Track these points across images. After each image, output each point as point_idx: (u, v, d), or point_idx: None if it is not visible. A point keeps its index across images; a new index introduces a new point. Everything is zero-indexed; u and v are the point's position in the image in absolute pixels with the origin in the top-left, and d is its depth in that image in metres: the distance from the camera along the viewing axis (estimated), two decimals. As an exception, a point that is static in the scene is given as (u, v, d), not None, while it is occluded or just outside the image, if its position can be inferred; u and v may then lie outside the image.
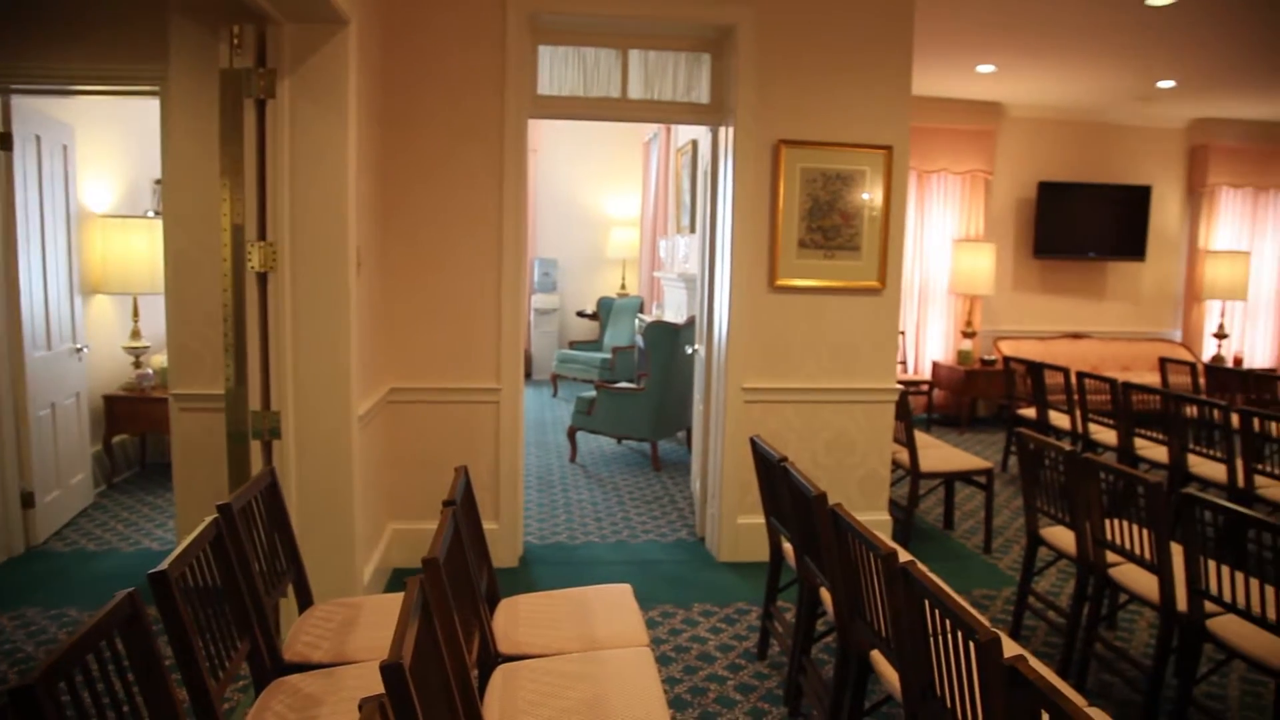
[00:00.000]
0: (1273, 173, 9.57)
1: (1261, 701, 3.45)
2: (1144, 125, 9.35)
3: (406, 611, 1.67)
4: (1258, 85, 7.74)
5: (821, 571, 2.79)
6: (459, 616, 2.14)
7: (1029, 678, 1.47)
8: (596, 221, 11.01)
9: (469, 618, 2.40)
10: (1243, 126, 9.50)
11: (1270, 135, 9.60)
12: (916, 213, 8.83)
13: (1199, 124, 9.44)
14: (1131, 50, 6.59)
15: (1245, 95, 8.20)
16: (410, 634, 1.59)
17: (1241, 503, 4.68)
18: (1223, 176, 9.44)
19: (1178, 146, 9.52)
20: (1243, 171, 9.48)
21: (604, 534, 5.17)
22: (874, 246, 4.62)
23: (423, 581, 1.84)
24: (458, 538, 2.41)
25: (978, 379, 8.41)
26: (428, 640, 1.76)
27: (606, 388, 6.69)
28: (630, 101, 4.70)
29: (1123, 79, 7.61)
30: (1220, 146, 9.41)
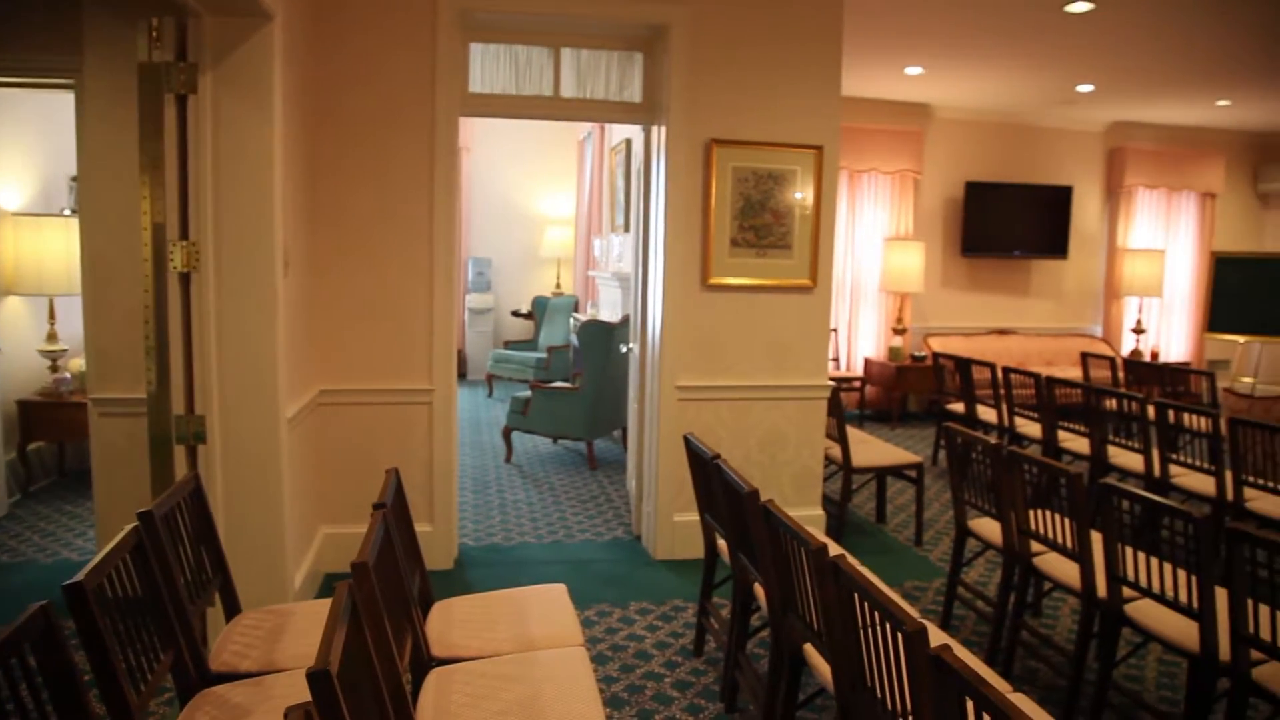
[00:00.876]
0: (1184, 174, 9.94)
1: (1175, 681, 3.58)
2: (1065, 128, 9.63)
3: (334, 617, 1.64)
4: (1170, 91, 8.04)
5: (755, 567, 2.82)
6: (390, 621, 2.12)
7: (953, 666, 1.51)
8: (531, 220, 10.95)
9: (401, 622, 2.37)
10: (1157, 130, 9.85)
11: (1182, 139, 9.97)
12: (848, 212, 8.97)
13: (1116, 127, 9.76)
14: (1052, 55, 6.79)
15: (1159, 100, 8.50)
16: (338, 640, 1.57)
17: (1157, 491, 4.85)
18: (1139, 178, 9.78)
19: (1097, 148, 9.83)
20: (1157, 173, 9.84)
21: (540, 534, 5.15)
22: (805, 245, 4.68)
23: (351, 586, 1.81)
24: (388, 541, 2.37)
25: (908, 375, 8.57)
26: (357, 646, 1.73)
27: (542, 387, 6.66)
28: (563, 100, 4.69)
29: (1045, 82, 7.83)
30: (1136, 149, 9.75)
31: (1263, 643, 2.51)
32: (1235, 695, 2.62)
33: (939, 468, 6.98)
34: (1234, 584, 2.53)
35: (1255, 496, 4.43)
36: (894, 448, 5.40)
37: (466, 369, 10.61)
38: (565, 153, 10.83)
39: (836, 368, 9.07)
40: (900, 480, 5.67)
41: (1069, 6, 5.47)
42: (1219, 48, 6.40)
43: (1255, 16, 5.59)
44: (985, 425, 6.56)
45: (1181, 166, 9.91)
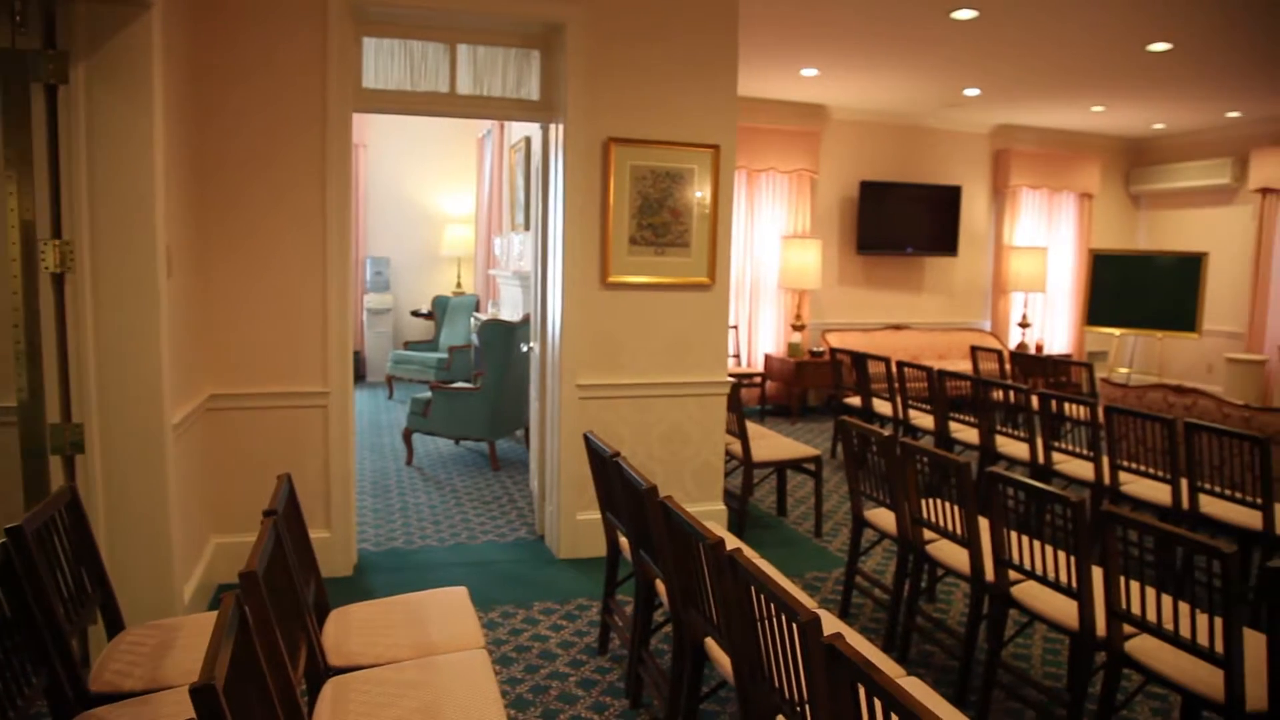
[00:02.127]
0: (1064, 176, 10.42)
1: (1059, 658, 3.76)
2: (954, 130, 9.98)
3: (220, 629, 1.58)
4: (1050, 96, 8.41)
5: (656, 563, 2.84)
6: (282, 631, 2.05)
7: (845, 654, 1.54)
8: (430, 219, 10.78)
9: (294, 631, 2.30)
10: (1038, 133, 10.30)
11: (1061, 142, 10.46)
12: (746, 210, 9.10)
13: (1001, 130, 10.16)
14: (941, 60, 7.02)
15: (1040, 105, 8.89)
16: (224, 653, 1.51)
17: (1041, 478, 5.07)
18: (1023, 178, 10.21)
19: (984, 150, 10.22)
20: (1039, 174, 10.29)
21: (442, 537, 5.08)
22: (703, 243, 4.74)
23: (239, 596, 1.75)
24: (280, 548, 2.31)
25: (807, 370, 8.75)
26: (246, 658, 1.68)
27: (442, 388, 6.57)
28: (459, 97, 4.63)
29: (934, 86, 8.09)
30: (1020, 151, 10.18)
31: (1134, 617, 2.65)
32: (1110, 667, 2.76)
33: (838, 461, 7.14)
34: (1108, 564, 2.66)
35: (1130, 480, 4.67)
36: (793, 442, 5.50)
37: (365, 371, 10.39)
38: (465, 150, 10.70)
39: (737, 364, 9.21)
40: (800, 473, 5.79)
41: (955, 13, 5.66)
42: (1093, 57, 6.73)
43: (1125, 30, 5.90)
44: (881, 418, 6.75)
45: (1061, 168, 10.39)
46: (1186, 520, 4.26)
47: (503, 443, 7.35)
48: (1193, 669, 2.54)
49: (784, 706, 2.06)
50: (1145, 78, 7.46)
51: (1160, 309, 9.62)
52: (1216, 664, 2.41)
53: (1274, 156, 9.39)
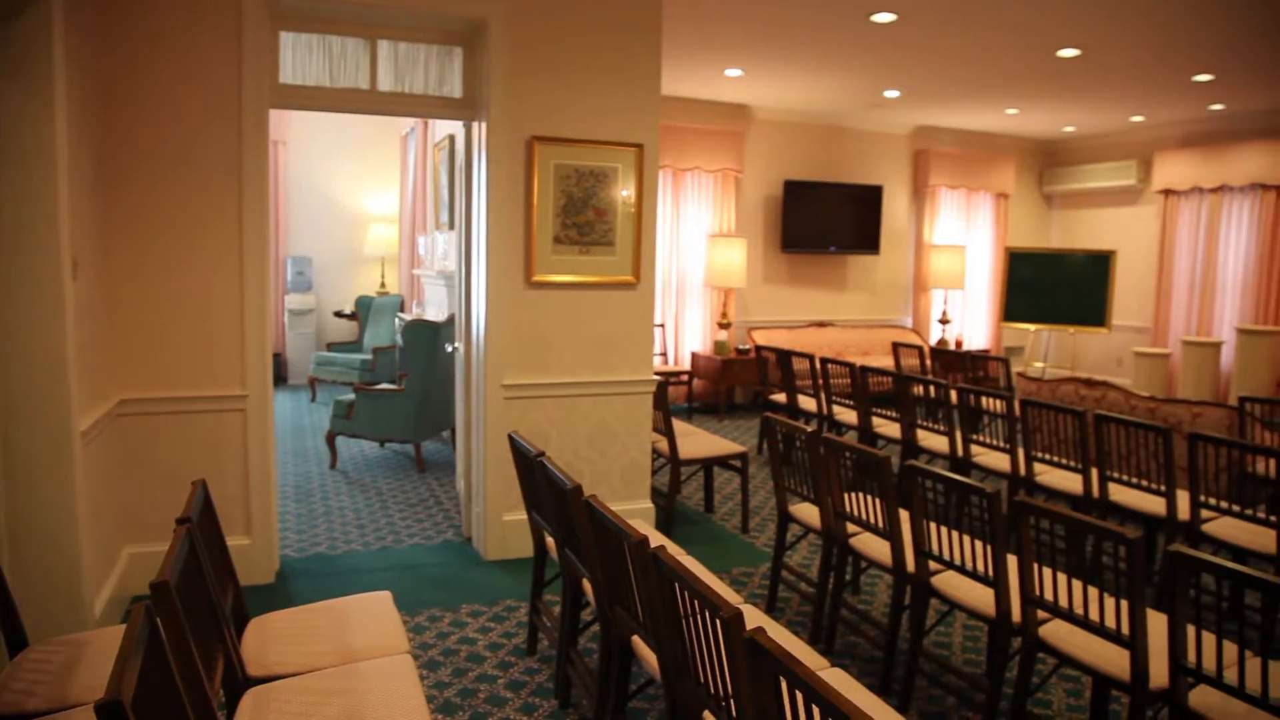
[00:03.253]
0: (981, 176, 10.71)
1: (979, 645, 3.86)
2: (875, 130, 10.17)
3: (129, 642, 1.53)
4: (966, 98, 8.63)
5: (582, 562, 2.84)
6: (197, 642, 2.00)
7: (767, 647, 1.56)
8: (353, 218, 10.59)
9: (211, 642, 2.24)
10: (956, 134, 10.57)
11: (978, 142, 10.75)
12: (672, 209, 9.15)
13: (920, 131, 10.40)
14: (861, 61, 7.15)
15: (957, 106, 9.12)
16: (133, 667, 1.46)
17: (961, 470, 5.21)
18: (941, 178, 10.46)
19: (904, 150, 10.44)
20: (957, 174, 10.55)
21: (367, 541, 5.00)
22: (628, 242, 4.74)
23: (150, 607, 1.70)
24: (194, 557, 2.24)
25: (733, 367, 8.83)
26: (157, 672, 1.63)
27: (366, 390, 6.46)
28: (380, 94, 4.55)
29: (855, 87, 8.23)
30: (939, 152, 10.43)
31: (1047, 603, 2.74)
32: (1026, 652, 2.85)
33: (764, 457, 7.22)
34: (1022, 552, 2.75)
35: (1044, 471, 4.82)
36: (720, 439, 5.55)
37: (287, 373, 10.16)
38: (388, 148, 10.53)
39: (664, 362, 9.25)
40: (728, 470, 5.84)
41: (874, 16, 5.77)
42: (1006, 62, 6.92)
43: (1036, 37, 6.08)
44: (806, 414, 6.84)
45: (978, 169, 10.67)
46: (1097, 508, 4.42)
47: (429, 444, 7.26)
48: (1102, 650, 2.64)
49: (709, 702, 2.08)
50: (1056, 82, 7.71)
51: (1072, 305, 9.95)
52: (1123, 645, 2.50)
53: (1175, 159, 9.79)
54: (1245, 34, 6.04)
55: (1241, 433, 5.13)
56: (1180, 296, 9.92)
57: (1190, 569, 2.33)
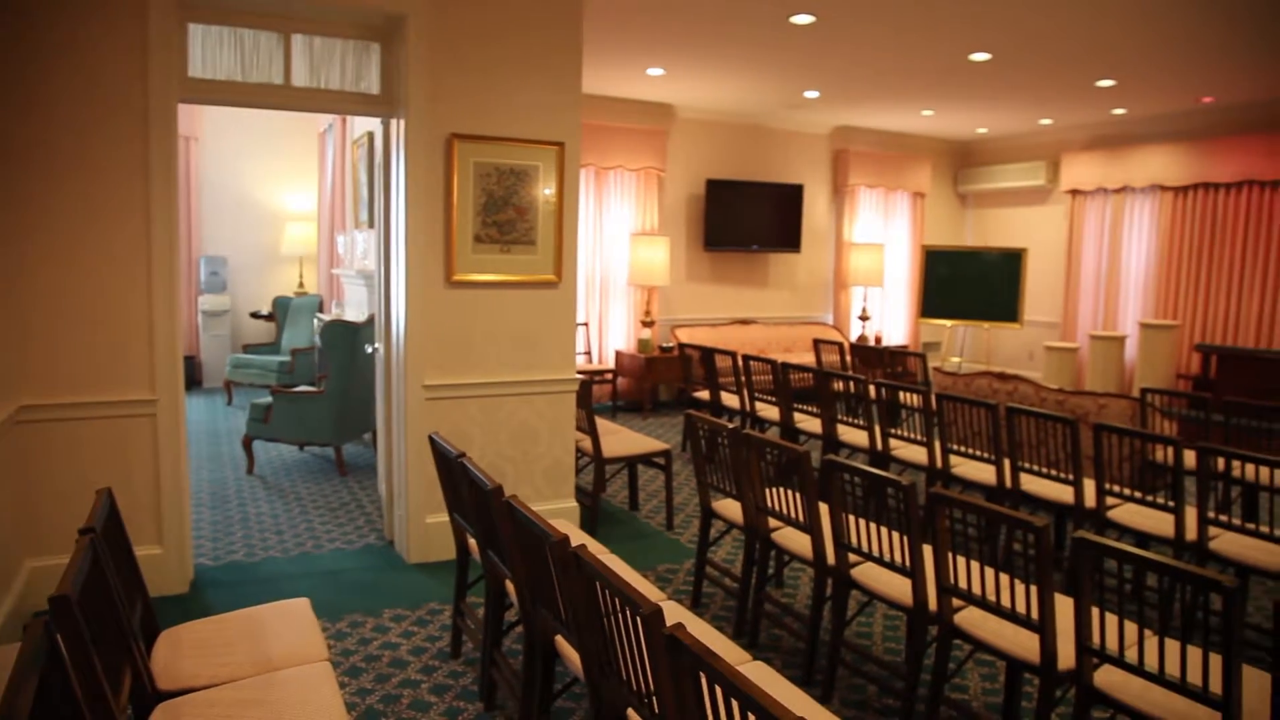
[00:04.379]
0: (898, 175, 10.95)
1: (899, 634, 3.95)
2: (796, 130, 10.32)
3: (25, 660, 1.47)
4: (883, 99, 8.81)
5: (504, 563, 2.82)
6: (102, 657, 1.93)
7: (685, 643, 1.57)
8: (270, 216, 10.33)
9: (117, 656, 2.16)
10: (874, 135, 10.78)
11: (895, 143, 10.98)
12: (595, 208, 9.14)
13: (840, 131, 10.58)
14: (781, 62, 7.24)
15: (874, 107, 9.30)
16: (30, 685, 1.41)
17: (880, 463, 5.31)
18: (860, 178, 10.66)
19: (823, 150, 10.61)
20: (875, 174, 10.77)
21: (286, 547, 4.88)
22: (549, 240, 4.73)
23: (49, 623, 1.63)
24: (99, 568, 2.16)
25: (657, 365, 8.87)
26: (57, 690, 1.57)
27: (284, 392, 6.31)
28: (295, 89, 4.45)
29: (776, 87, 8.34)
30: (857, 151, 10.62)
31: (961, 591, 2.82)
32: (942, 639, 2.92)
33: (688, 454, 7.27)
34: (937, 542, 2.82)
35: (959, 463, 4.95)
36: (644, 437, 5.57)
37: (201, 376, 9.86)
38: (306, 145, 10.30)
39: (588, 361, 9.24)
40: (652, 468, 5.86)
41: (794, 18, 5.84)
42: (921, 64, 7.08)
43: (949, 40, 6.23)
44: (729, 411, 6.91)
45: (896, 168, 10.91)
46: (1010, 498, 4.56)
47: (350, 447, 7.13)
48: (1014, 635, 2.72)
49: (632, 699, 2.09)
50: (969, 85, 7.93)
51: (987, 301, 10.24)
52: (1033, 629, 2.58)
53: (1081, 161, 10.16)
54: (1142, 44, 6.29)
55: (1143, 422, 5.34)
56: (1087, 292, 10.30)
57: (1094, 554, 2.42)
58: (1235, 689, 2.13)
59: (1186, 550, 3.73)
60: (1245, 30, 5.90)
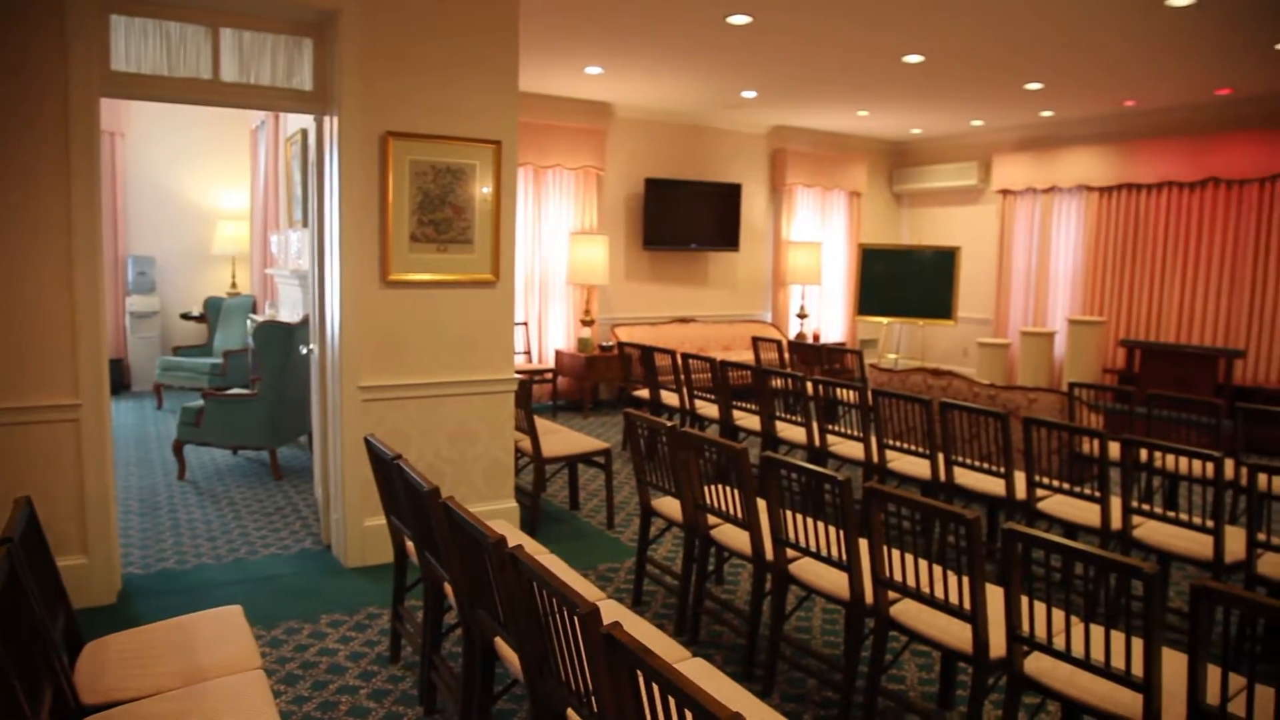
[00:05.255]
0: (835, 175, 11.09)
1: (837, 627, 4.00)
2: (734, 130, 10.39)
3: (-64, 674, 1.42)
4: (819, 100, 8.92)
5: (442, 565, 2.79)
6: (19, 672, 1.86)
7: (623, 641, 1.57)
8: (201, 214, 10.08)
9: (36, 671, 2.09)
10: (811, 135, 10.91)
11: (831, 143, 11.13)
12: (534, 207, 9.10)
13: (777, 131, 10.68)
14: (719, 62, 7.28)
15: (811, 108, 9.41)
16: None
17: (818, 459, 5.38)
18: (798, 177, 10.77)
19: (761, 150, 10.70)
20: (813, 173, 10.89)
21: (219, 554, 4.77)
22: (486, 240, 4.69)
23: (-38, 636, 1.57)
24: (16, 580, 2.09)
25: (597, 364, 8.86)
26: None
27: (216, 395, 6.16)
28: (224, 85, 4.34)
29: (714, 87, 8.38)
30: (795, 151, 10.74)
31: (897, 584, 2.86)
32: (878, 631, 2.97)
33: (629, 453, 7.27)
34: (872, 536, 2.86)
35: (895, 458, 5.03)
36: (584, 436, 5.56)
37: (130, 379, 9.59)
38: (237, 142, 10.07)
39: (528, 361, 9.20)
40: (593, 467, 5.85)
41: (730, 18, 5.88)
42: (855, 65, 7.18)
43: (882, 43, 6.33)
44: (669, 409, 6.93)
45: (832, 168, 11.05)
46: (944, 491, 4.65)
47: (285, 450, 7.00)
48: (947, 625, 2.78)
49: (572, 699, 2.08)
50: (902, 86, 8.06)
51: (922, 299, 10.43)
52: (965, 619, 2.64)
53: (1011, 161, 10.41)
54: (1068, 48, 6.46)
55: (1071, 416, 5.49)
56: (1018, 290, 10.55)
57: (1022, 545, 2.48)
58: (1155, 671, 2.20)
59: (1112, 539, 3.84)
60: (1164, 38, 6.09)
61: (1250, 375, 8.55)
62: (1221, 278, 8.77)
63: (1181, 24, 5.78)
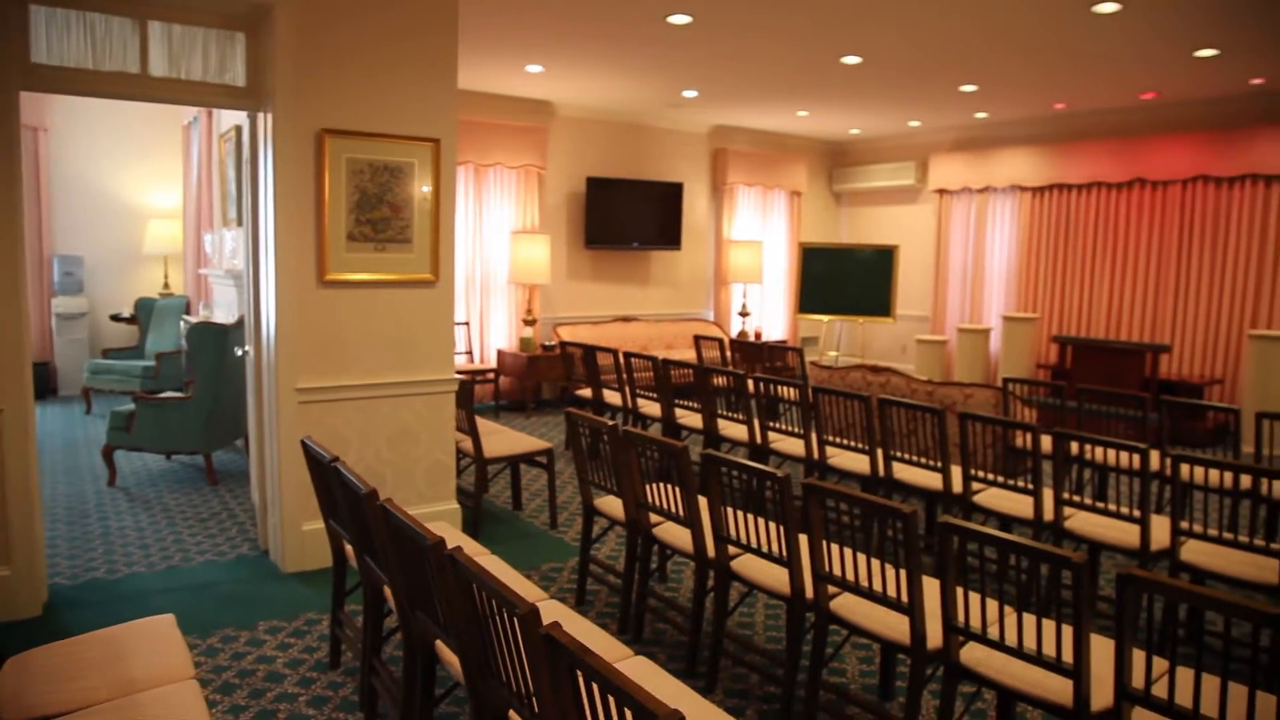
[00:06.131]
0: (775, 174, 11.19)
1: (778, 623, 4.03)
2: (675, 129, 10.42)
3: None
4: (760, 99, 8.99)
5: (381, 569, 2.75)
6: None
7: (562, 641, 1.57)
8: (131, 213, 9.80)
9: (-45, 684, 2.02)
10: (752, 134, 11.00)
11: (772, 143, 11.22)
12: (475, 205, 9.03)
13: (718, 130, 10.74)
14: (660, 61, 7.30)
15: (752, 108, 9.48)
16: None
17: (759, 457, 5.42)
18: (739, 176, 10.85)
19: (703, 149, 10.75)
20: (754, 172, 10.98)
21: (152, 562, 4.65)
22: (426, 239, 4.64)
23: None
24: (-67, 591, 2.01)
25: (540, 364, 8.83)
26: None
27: (147, 399, 6.01)
28: (153, 79, 4.23)
29: (655, 86, 8.40)
30: (735, 150, 10.81)
31: (836, 578, 2.90)
32: (819, 626, 3.00)
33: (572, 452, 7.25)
34: (812, 532, 2.89)
35: (835, 454, 5.09)
36: (526, 436, 5.53)
37: (56, 383, 9.30)
38: (170, 138, 9.82)
39: (470, 361, 9.13)
40: (535, 467, 5.83)
41: (671, 18, 5.90)
42: (795, 66, 7.25)
43: (821, 43, 6.40)
44: (612, 408, 6.93)
45: (773, 167, 11.15)
46: (884, 486, 4.72)
47: (221, 454, 6.85)
48: (885, 618, 2.82)
49: (513, 701, 2.07)
50: (841, 87, 8.16)
51: (861, 297, 10.57)
52: (903, 612, 2.68)
53: (948, 161, 10.61)
54: (1000, 53, 6.60)
55: (1005, 410, 5.61)
56: (955, 287, 10.76)
57: (956, 537, 2.52)
58: (1084, 658, 2.26)
59: (1045, 530, 3.94)
60: (1092, 43, 6.26)
61: (1175, 369, 8.83)
62: (1148, 275, 9.05)
63: (1107, 30, 5.94)
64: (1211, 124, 8.48)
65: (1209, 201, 8.58)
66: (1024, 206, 10.01)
